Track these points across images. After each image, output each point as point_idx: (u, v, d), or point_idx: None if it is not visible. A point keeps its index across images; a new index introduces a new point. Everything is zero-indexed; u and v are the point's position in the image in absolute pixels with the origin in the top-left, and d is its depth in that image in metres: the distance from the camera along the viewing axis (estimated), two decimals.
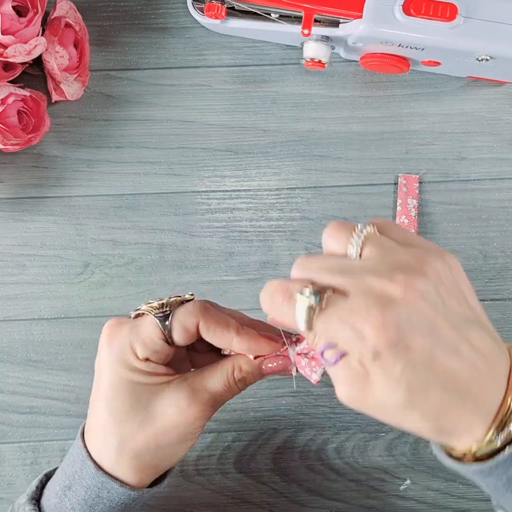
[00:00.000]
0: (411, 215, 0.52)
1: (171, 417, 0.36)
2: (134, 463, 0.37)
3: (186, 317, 0.37)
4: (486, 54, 0.45)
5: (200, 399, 0.37)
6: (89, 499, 0.37)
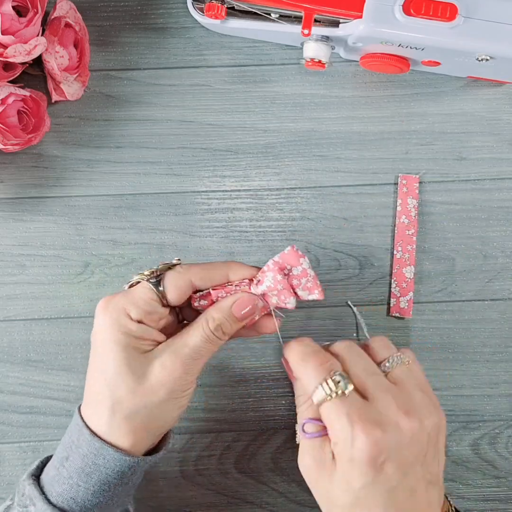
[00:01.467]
0: (411, 215, 0.52)
1: (156, 375, 0.38)
2: (126, 426, 0.38)
3: (177, 277, 0.39)
4: (486, 54, 0.45)
5: (182, 355, 0.38)
6: (85, 467, 0.38)
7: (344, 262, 0.52)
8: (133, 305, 0.38)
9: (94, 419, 0.39)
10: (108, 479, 0.38)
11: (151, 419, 0.38)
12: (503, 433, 0.52)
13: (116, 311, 0.38)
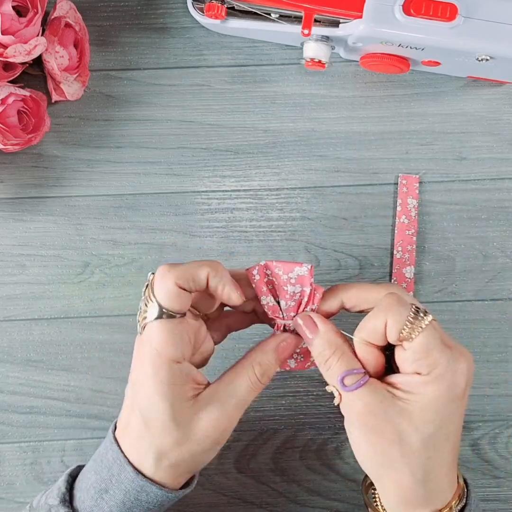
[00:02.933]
0: (411, 215, 0.52)
1: (202, 429, 0.38)
2: (172, 471, 0.38)
3: (160, 283, 0.37)
4: (486, 54, 0.44)
5: (228, 407, 0.38)
6: (127, 501, 0.38)
7: (344, 262, 0.52)
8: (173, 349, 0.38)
9: (137, 458, 0.38)
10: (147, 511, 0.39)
11: (195, 464, 0.40)
12: (503, 433, 0.52)
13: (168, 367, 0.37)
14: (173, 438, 0.37)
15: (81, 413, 0.52)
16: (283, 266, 0.39)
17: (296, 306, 0.40)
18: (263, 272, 0.40)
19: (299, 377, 0.52)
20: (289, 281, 0.39)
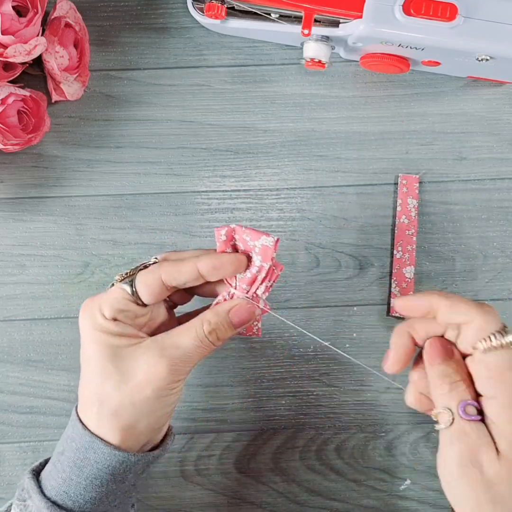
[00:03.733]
0: (411, 215, 0.52)
1: (142, 374, 0.38)
2: (112, 420, 0.38)
3: (147, 275, 0.39)
4: (486, 54, 0.44)
5: (170, 355, 0.38)
6: (77, 460, 0.38)
7: (344, 262, 0.52)
8: (106, 304, 0.39)
9: (85, 414, 0.39)
10: (99, 473, 0.38)
11: (138, 416, 0.38)
12: None
13: (92, 311, 0.39)
14: (113, 382, 0.38)
15: None
16: (251, 233, 0.39)
17: (251, 279, 0.40)
18: (230, 235, 0.40)
19: (299, 377, 0.52)
20: (254, 249, 0.39)
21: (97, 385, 0.39)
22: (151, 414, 0.39)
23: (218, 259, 0.39)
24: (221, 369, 0.52)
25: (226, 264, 0.39)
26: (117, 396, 0.38)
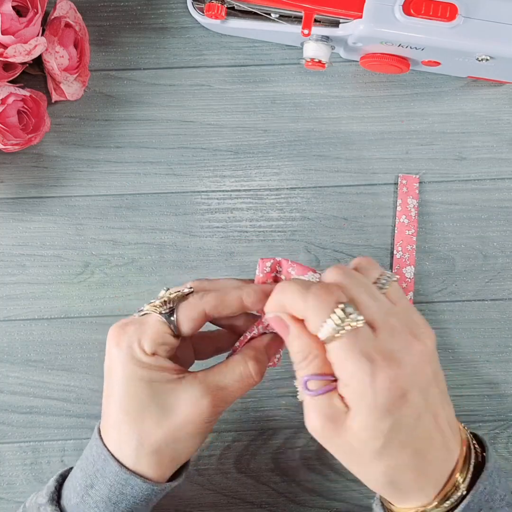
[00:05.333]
0: (411, 215, 0.52)
1: (186, 411, 0.37)
2: (154, 458, 0.38)
3: (190, 308, 0.38)
4: (486, 54, 0.45)
5: (213, 394, 0.37)
6: (113, 496, 0.38)
7: (344, 262, 0.52)
8: (147, 339, 0.37)
9: (119, 449, 0.38)
10: (134, 506, 0.38)
11: (178, 452, 0.38)
12: (503, 433, 0.52)
13: (130, 346, 0.37)
14: (153, 418, 0.37)
15: (81, 413, 0.52)
16: (297, 267, 0.39)
17: None
18: (274, 268, 0.40)
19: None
20: None
21: (135, 422, 0.37)
22: (188, 449, 0.39)
23: (263, 292, 0.38)
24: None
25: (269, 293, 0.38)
26: (159, 433, 0.37)
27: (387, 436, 0.32)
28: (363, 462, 0.34)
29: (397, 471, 0.33)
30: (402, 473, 0.33)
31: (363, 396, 0.32)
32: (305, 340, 0.34)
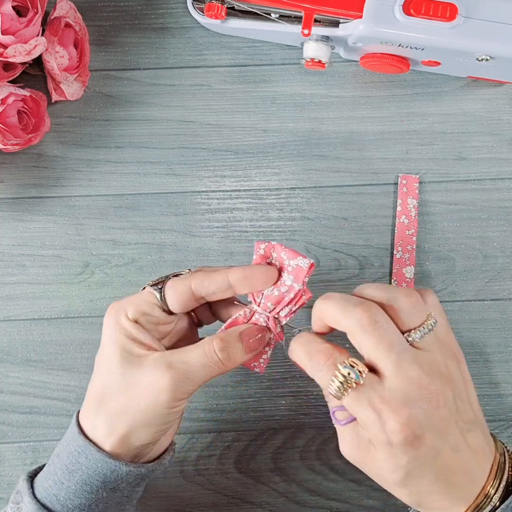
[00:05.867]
0: (411, 215, 0.52)
1: (144, 383, 0.37)
2: (107, 424, 0.38)
3: (177, 282, 0.39)
4: (486, 54, 0.44)
5: (175, 369, 0.37)
6: (69, 464, 0.38)
7: (344, 262, 0.52)
8: (131, 305, 0.39)
9: (84, 415, 0.39)
10: (90, 480, 0.38)
11: (132, 426, 0.38)
12: (503, 433, 0.52)
13: (117, 310, 0.39)
14: (116, 384, 0.38)
15: None
16: (289, 251, 0.39)
17: (278, 298, 0.39)
18: (269, 251, 0.40)
19: (299, 377, 0.52)
20: (287, 268, 0.39)
21: (102, 386, 0.38)
22: (145, 428, 0.38)
23: (249, 269, 0.39)
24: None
25: (257, 274, 0.39)
26: (116, 399, 0.38)
27: (406, 469, 0.34)
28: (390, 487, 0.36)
29: (421, 496, 0.36)
30: (426, 497, 0.36)
31: (378, 437, 0.34)
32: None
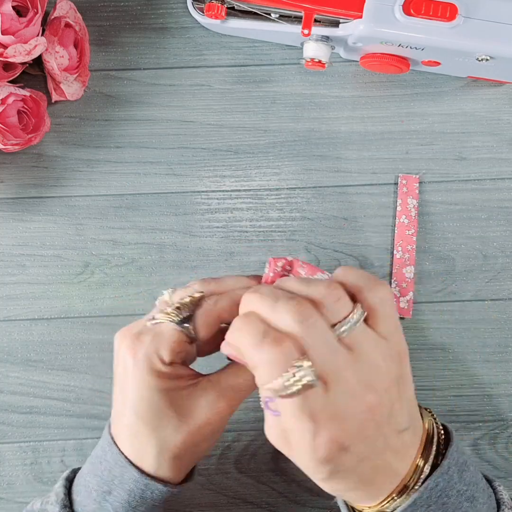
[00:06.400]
0: (411, 215, 0.52)
1: (203, 415, 0.37)
2: (174, 464, 0.38)
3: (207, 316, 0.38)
4: (486, 54, 0.44)
5: (227, 395, 0.38)
6: (132, 501, 0.38)
7: (344, 262, 0.52)
8: (165, 349, 0.37)
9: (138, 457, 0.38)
10: (153, 509, 0.39)
11: (197, 453, 0.39)
12: (503, 433, 0.52)
13: (148, 357, 0.37)
14: (173, 426, 0.37)
15: (81, 413, 0.52)
16: (307, 267, 0.39)
17: None
18: (285, 267, 0.40)
19: None
20: None
21: (153, 431, 0.37)
22: (208, 449, 0.39)
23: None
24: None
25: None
26: (180, 440, 0.37)
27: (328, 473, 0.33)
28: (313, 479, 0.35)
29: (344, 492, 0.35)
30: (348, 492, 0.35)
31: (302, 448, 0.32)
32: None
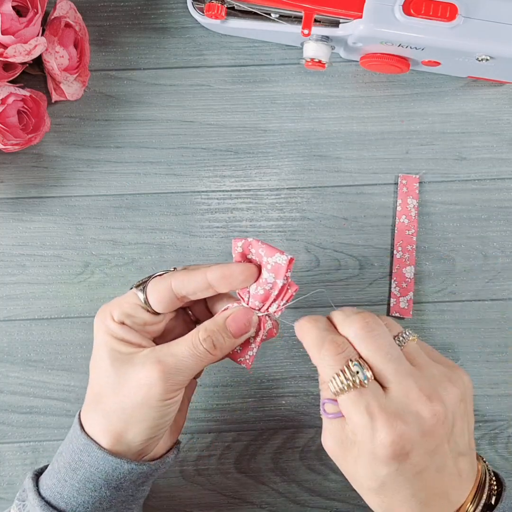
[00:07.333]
0: (411, 215, 0.52)
1: (136, 380, 0.38)
2: (104, 424, 0.38)
3: (158, 282, 0.39)
4: (486, 54, 0.45)
5: (164, 363, 0.38)
6: (72, 462, 0.39)
7: (344, 262, 0.52)
8: (116, 307, 0.39)
9: (84, 415, 0.40)
10: (92, 477, 0.38)
11: (128, 422, 0.38)
12: (503, 433, 0.53)
13: (104, 314, 0.40)
14: (110, 383, 0.38)
15: None
16: (266, 248, 0.38)
17: (264, 296, 0.39)
18: (247, 248, 0.39)
19: (299, 377, 0.52)
20: (266, 266, 0.38)
21: (99, 386, 0.39)
22: (141, 422, 0.38)
23: (227, 268, 0.38)
24: (221, 369, 0.52)
25: (236, 273, 0.38)
26: (111, 398, 0.38)
27: (384, 480, 0.34)
28: (362, 491, 0.36)
29: (392, 508, 0.35)
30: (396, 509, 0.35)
31: (365, 445, 0.34)
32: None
